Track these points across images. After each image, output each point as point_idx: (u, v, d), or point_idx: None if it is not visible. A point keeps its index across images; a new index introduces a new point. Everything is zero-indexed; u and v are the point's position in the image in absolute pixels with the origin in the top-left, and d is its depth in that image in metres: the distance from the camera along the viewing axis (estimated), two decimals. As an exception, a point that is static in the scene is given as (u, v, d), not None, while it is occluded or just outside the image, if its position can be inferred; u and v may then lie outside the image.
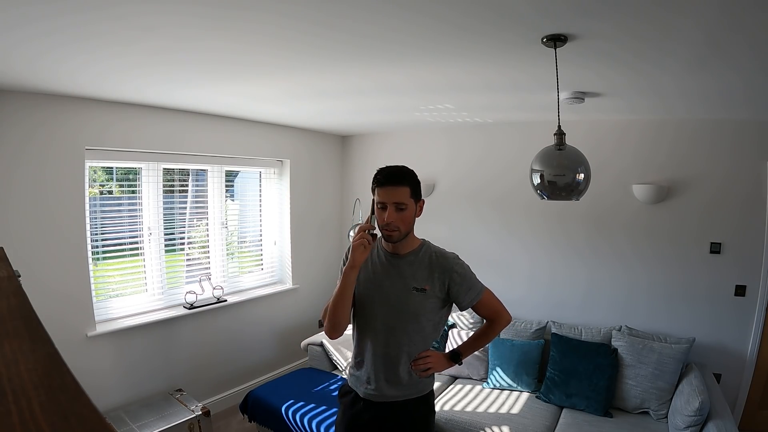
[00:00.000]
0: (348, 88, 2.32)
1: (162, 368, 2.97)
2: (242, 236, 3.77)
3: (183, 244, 3.28)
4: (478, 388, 2.98)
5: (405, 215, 1.46)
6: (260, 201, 3.86)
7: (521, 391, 2.90)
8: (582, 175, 1.64)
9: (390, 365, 1.51)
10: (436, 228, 3.65)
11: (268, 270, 3.92)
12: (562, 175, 1.66)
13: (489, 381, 3.00)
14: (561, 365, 2.79)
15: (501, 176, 3.52)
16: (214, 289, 3.34)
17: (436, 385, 2.92)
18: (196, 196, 3.40)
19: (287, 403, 2.74)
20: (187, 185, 3.34)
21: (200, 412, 2.65)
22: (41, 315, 0.59)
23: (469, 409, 2.70)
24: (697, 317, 2.86)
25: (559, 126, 1.69)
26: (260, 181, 3.85)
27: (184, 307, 3.13)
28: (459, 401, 2.79)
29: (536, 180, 1.70)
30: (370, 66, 1.88)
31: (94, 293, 2.67)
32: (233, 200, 3.73)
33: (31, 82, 2.13)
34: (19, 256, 1.79)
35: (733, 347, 2.78)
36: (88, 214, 2.62)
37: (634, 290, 3.07)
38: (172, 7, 1.27)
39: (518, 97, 2.45)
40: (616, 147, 3.07)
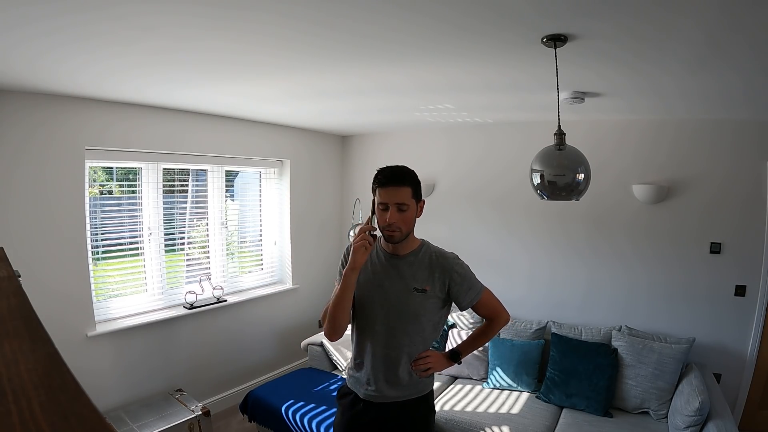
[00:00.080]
0: (348, 88, 2.32)
1: (162, 368, 2.97)
2: (242, 236, 3.77)
3: (183, 244, 3.28)
4: (478, 388, 2.98)
5: (407, 216, 1.45)
6: (260, 201, 3.86)
7: (521, 391, 2.90)
8: (582, 175, 1.64)
9: (390, 366, 1.51)
10: (436, 228, 3.65)
11: (268, 270, 3.92)
12: (562, 175, 1.66)
13: (489, 381, 3.00)
14: (561, 365, 2.79)
15: (501, 176, 3.52)
16: (214, 289, 3.34)
17: (436, 385, 2.92)
18: (196, 196, 3.40)
19: (287, 403, 2.74)
20: (187, 185, 3.34)
21: (200, 412, 2.65)
22: (41, 315, 0.59)
23: (469, 409, 2.70)
24: (697, 317, 2.86)
25: (559, 126, 1.70)
26: (260, 181, 3.84)
27: (184, 307, 3.13)
28: (459, 401, 2.79)
29: (536, 180, 1.70)
30: (370, 66, 1.88)
31: (94, 293, 2.68)
32: (233, 200, 3.73)
33: (31, 82, 2.13)
34: (19, 256, 1.79)
35: (733, 347, 2.78)
36: (88, 214, 2.62)
37: (634, 290, 3.07)
38: (172, 7, 1.27)
39: (518, 97, 2.45)
40: (616, 147, 3.07)
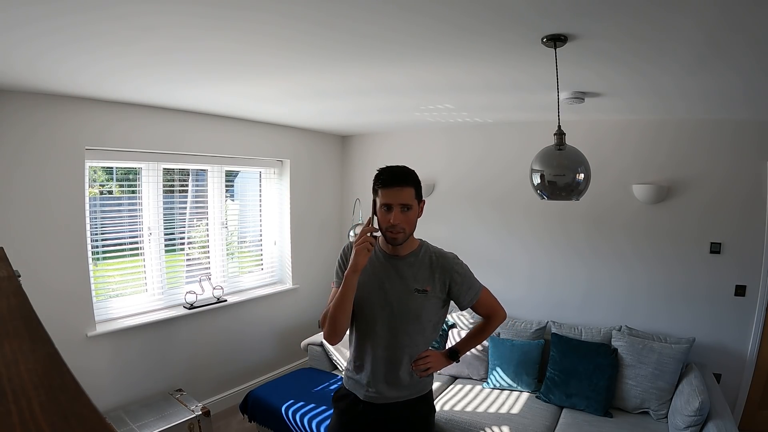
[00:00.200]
0: (348, 88, 2.32)
1: (162, 368, 2.97)
2: (242, 236, 3.77)
3: (183, 244, 3.28)
4: (478, 388, 2.98)
5: (410, 216, 1.45)
6: (260, 201, 3.86)
7: (521, 391, 2.90)
8: (582, 175, 1.64)
9: (391, 367, 1.50)
10: (436, 228, 3.65)
11: (268, 270, 3.92)
12: (562, 175, 1.66)
13: (489, 381, 3.00)
14: (561, 365, 2.79)
15: (501, 176, 3.52)
16: (214, 289, 3.34)
17: (436, 384, 2.92)
18: (196, 196, 3.40)
19: (287, 403, 2.74)
20: (187, 185, 3.34)
21: (200, 412, 2.65)
22: (41, 315, 0.59)
23: (469, 409, 2.70)
24: (697, 317, 2.86)
25: (559, 126, 1.70)
26: (260, 181, 3.84)
27: (184, 307, 3.13)
28: (459, 401, 2.79)
29: (536, 180, 1.70)
30: (370, 66, 1.88)
31: (94, 293, 2.67)
32: (233, 200, 3.73)
33: (31, 82, 2.13)
34: (19, 256, 1.79)
35: (733, 347, 2.78)
36: (88, 214, 2.62)
37: (634, 290, 3.07)
38: (172, 7, 1.27)
39: (518, 97, 2.45)
40: (616, 147, 3.07)
